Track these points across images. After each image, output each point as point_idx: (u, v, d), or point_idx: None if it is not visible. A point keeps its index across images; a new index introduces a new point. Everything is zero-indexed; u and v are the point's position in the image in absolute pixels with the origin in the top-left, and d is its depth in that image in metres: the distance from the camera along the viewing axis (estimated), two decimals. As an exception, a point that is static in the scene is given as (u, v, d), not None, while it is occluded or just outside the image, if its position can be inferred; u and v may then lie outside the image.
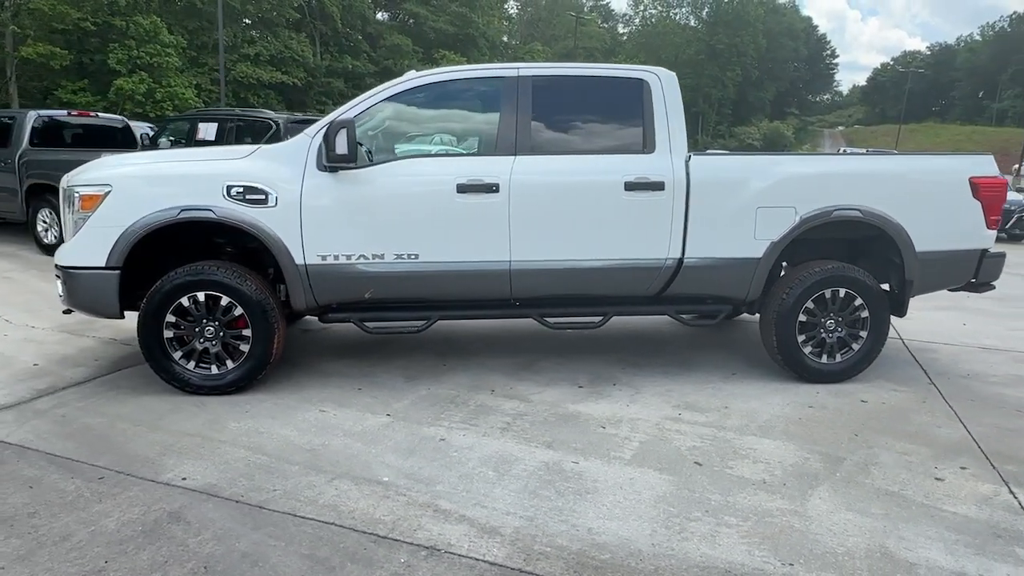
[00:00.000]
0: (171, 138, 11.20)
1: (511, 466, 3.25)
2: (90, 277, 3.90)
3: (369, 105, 4.07)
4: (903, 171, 4.38)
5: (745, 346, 5.36)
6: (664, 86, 4.24)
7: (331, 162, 3.78)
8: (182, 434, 3.53)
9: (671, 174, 4.13)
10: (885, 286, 4.55)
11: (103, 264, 3.88)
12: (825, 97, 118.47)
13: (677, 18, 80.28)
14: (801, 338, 4.40)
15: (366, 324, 4.22)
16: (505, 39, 45.72)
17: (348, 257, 4.01)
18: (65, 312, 4.48)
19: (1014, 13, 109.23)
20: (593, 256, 4.16)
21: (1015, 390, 4.47)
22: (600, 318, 4.36)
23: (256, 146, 4.13)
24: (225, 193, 3.88)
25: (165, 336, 3.95)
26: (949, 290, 4.70)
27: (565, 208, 4.10)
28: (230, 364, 4.05)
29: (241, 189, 3.89)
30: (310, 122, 10.67)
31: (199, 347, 4.01)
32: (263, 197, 3.90)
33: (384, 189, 3.99)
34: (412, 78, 4.14)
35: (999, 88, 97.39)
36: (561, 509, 2.87)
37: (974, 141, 67.62)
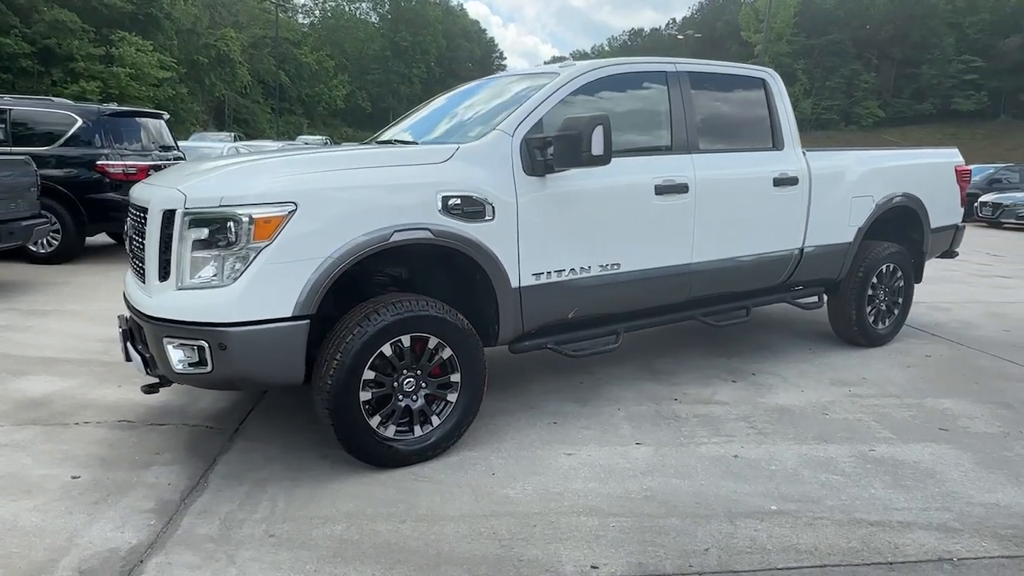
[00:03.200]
0: None
1: (836, 466, 3.23)
2: (269, 334, 2.75)
3: (561, 98, 3.54)
4: (924, 162, 5.29)
5: (768, 323, 5.89)
6: (778, 85, 4.47)
7: (584, 164, 3.22)
8: (475, 518, 2.75)
9: (801, 169, 4.40)
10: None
11: (289, 313, 2.77)
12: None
13: (358, 13, 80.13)
14: (868, 309, 5.05)
15: (564, 349, 3.69)
16: (190, 26, 40.39)
17: (559, 273, 3.48)
18: (150, 389, 3.12)
19: (631, 28, 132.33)
20: (751, 251, 4.25)
21: (988, 331, 5.75)
22: (745, 312, 4.45)
23: (453, 145, 3.29)
24: (441, 206, 3.06)
25: (361, 399, 2.98)
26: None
27: (734, 205, 4.10)
28: (436, 421, 3.22)
29: (459, 200, 3.11)
30: (135, 115, 8.55)
31: (400, 406, 3.12)
32: (481, 209, 3.17)
33: (589, 194, 3.54)
34: (587, 69, 3.71)
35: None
36: (956, 494, 2.97)
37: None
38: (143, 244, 3.02)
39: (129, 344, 3.18)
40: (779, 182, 4.27)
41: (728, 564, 2.46)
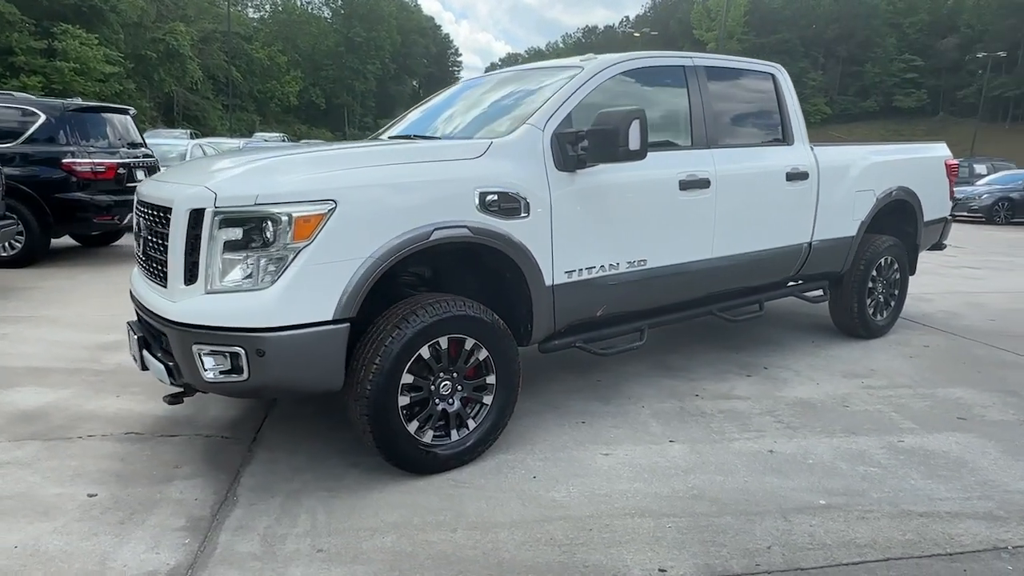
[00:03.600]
0: None
1: (870, 458, 3.26)
2: (308, 339, 2.61)
3: (588, 91, 3.47)
4: (918, 156, 5.40)
5: (768, 317, 5.93)
6: (786, 80, 4.49)
7: (620, 159, 3.14)
8: (528, 524, 2.67)
9: (811, 164, 4.43)
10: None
11: (329, 317, 2.64)
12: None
13: (310, 8, 78.69)
14: (868, 301, 5.13)
15: (592, 347, 3.63)
16: (136, 19, 38.79)
17: (590, 271, 3.42)
18: (173, 400, 2.95)
19: (585, 26, 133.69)
20: (766, 246, 4.26)
21: (974, 321, 5.92)
22: (758, 306, 4.47)
23: (485, 140, 3.18)
24: (479, 203, 2.97)
25: (400, 405, 2.87)
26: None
27: (751, 200, 4.11)
28: (471, 424, 3.13)
29: (495, 197, 3.02)
30: (101, 111, 8.15)
31: (437, 410, 3.02)
32: (517, 206, 3.08)
33: (617, 189, 3.48)
34: (612, 63, 3.65)
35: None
36: (993, 483, 3.02)
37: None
38: (162, 245, 2.84)
39: (146, 352, 2.99)
40: (791, 177, 4.29)
41: (794, 561, 2.43)
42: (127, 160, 8.03)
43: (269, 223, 2.55)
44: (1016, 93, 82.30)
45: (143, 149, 8.81)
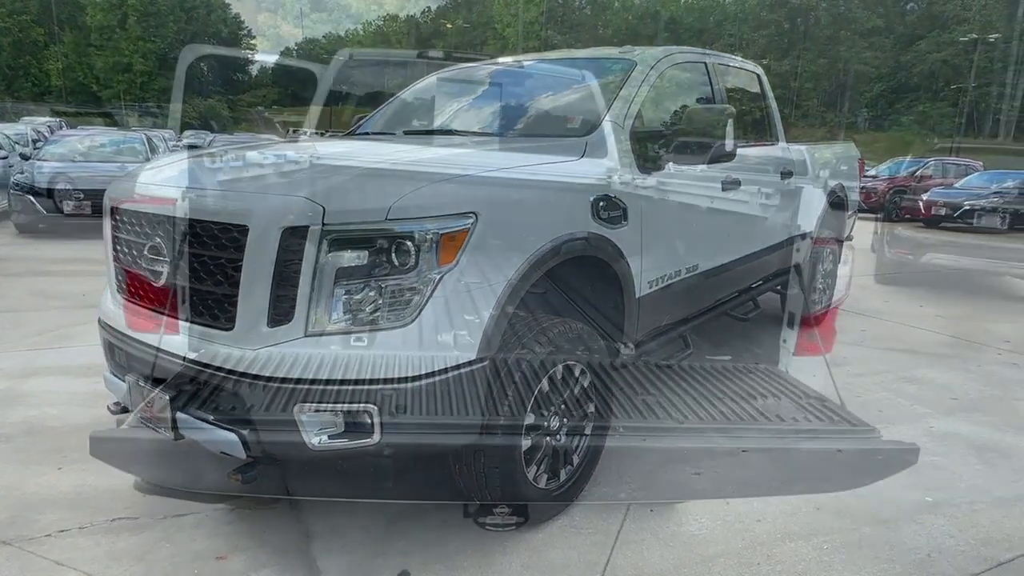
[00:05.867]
0: None
1: (922, 447, 3.40)
2: (454, 384, 2.11)
3: (649, 86, 3.22)
4: (846, 155, 5.82)
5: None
6: (766, 80, 4.59)
7: (716, 160, 2.95)
8: (693, 567, 2.42)
9: (792, 162, 4.58)
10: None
11: (473, 355, 2.16)
12: (238, 75, 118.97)
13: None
14: (815, 291, 5.48)
15: (652, 359, 3.41)
16: None
17: (661, 280, 3.20)
18: (248, 475, 2.26)
19: (387, 14, 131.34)
20: (769, 242, 4.33)
21: (867, 304, 6.58)
22: (753, 304, 4.54)
23: (580, 139, 2.79)
24: (593, 211, 2.61)
25: (523, 448, 2.46)
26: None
27: (764, 199, 4.14)
28: (575, 460, 2.78)
29: (604, 203, 2.68)
30: None
31: (551, 449, 2.63)
32: (619, 212, 2.77)
33: (679, 192, 3.29)
34: (661, 56, 3.43)
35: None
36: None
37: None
38: (220, 274, 2.14)
39: (184, 415, 2.24)
40: (784, 175, 4.39)
41: (964, 568, 2.43)
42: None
43: (408, 243, 2.01)
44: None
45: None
